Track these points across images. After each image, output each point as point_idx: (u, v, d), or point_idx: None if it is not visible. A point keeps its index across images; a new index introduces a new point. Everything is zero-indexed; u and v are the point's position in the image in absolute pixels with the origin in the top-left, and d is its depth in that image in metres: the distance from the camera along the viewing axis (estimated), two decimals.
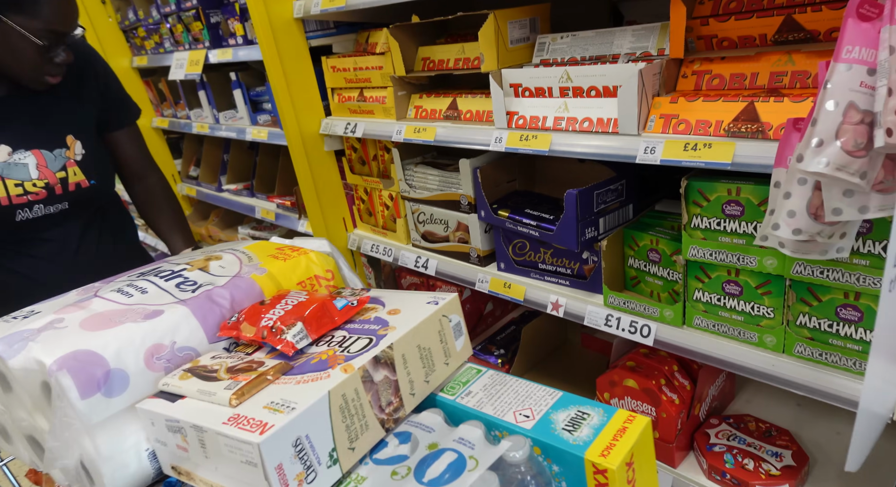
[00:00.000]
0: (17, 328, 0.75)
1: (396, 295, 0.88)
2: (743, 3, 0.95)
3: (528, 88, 1.17)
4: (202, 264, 0.93)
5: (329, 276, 0.97)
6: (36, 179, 1.17)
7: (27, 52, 1.06)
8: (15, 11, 1.02)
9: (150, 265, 0.98)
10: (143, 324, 0.76)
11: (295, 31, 1.56)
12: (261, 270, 0.92)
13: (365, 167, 1.69)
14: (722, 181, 0.92)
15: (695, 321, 1.04)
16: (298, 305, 0.79)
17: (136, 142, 1.43)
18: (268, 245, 1.03)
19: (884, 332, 0.61)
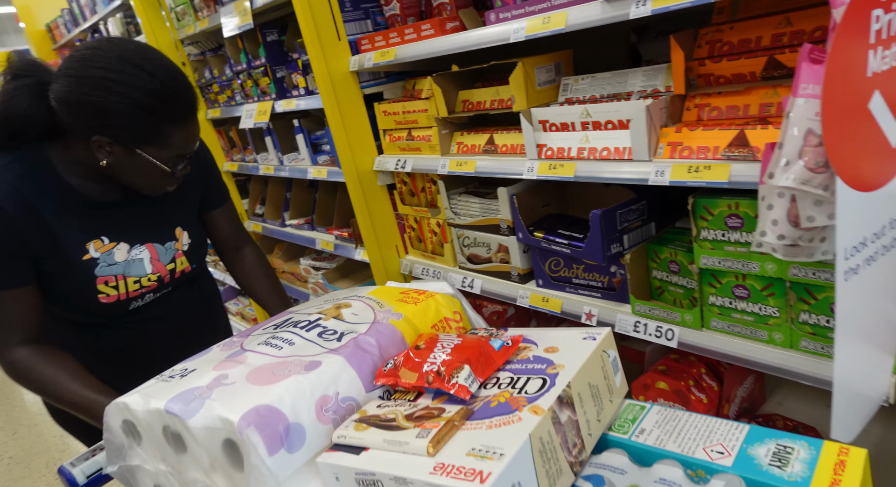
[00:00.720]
0: (182, 387, 0.77)
1: (544, 333, 0.88)
2: (734, 46, 1.12)
3: (555, 124, 1.37)
4: (334, 312, 0.94)
5: (457, 317, 0.99)
6: (150, 273, 1.25)
7: (154, 174, 1.13)
8: (148, 145, 1.08)
9: (278, 317, 1.02)
10: (308, 375, 0.75)
11: (351, 82, 1.83)
12: (396, 314, 0.93)
13: (414, 198, 1.93)
14: (723, 198, 1.08)
15: (712, 324, 1.18)
16: (457, 348, 0.78)
17: (232, 218, 1.50)
18: (391, 290, 1.06)
19: (848, 318, 0.75)
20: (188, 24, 2.50)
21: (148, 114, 1.05)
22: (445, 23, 1.56)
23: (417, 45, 1.57)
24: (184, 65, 2.72)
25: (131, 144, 1.07)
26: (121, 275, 1.20)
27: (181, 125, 1.10)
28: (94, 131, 1.05)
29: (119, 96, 1.02)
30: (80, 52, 1.06)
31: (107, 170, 1.12)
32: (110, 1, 3.24)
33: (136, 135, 1.06)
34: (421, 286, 1.06)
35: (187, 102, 1.11)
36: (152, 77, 1.04)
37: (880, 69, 0.68)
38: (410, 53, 1.59)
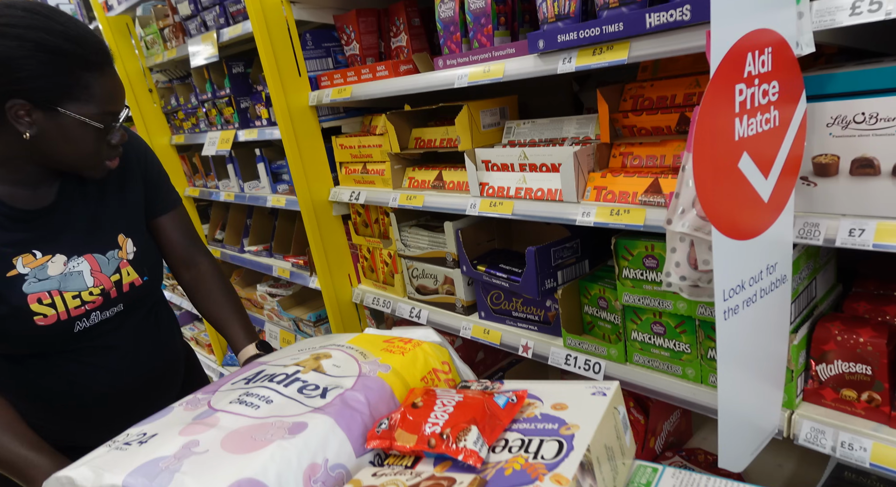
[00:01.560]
0: (144, 457, 0.67)
1: (546, 387, 0.83)
2: (653, 101, 1.24)
3: (496, 164, 1.46)
4: (314, 364, 0.87)
5: (446, 368, 0.93)
6: (91, 286, 1.11)
7: (86, 138, 1.02)
8: (69, 100, 0.98)
9: (250, 368, 0.92)
10: (294, 441, 0.67)
11: (309, 116, 1.91)
12: (383, 366, 0.87)
13: (368, 229, 1.99)
14: (641, 240, 1.17)
15: (634, 358, 1.25)
16: (459, 406, 0.72)
17: (183, 226, 1.34)
18: (373, 338, 0.99)
19: (729, 353, 0.83)
20: (157, 53, 2.57)
21: (57, 57, 0.94)
22: (399, 65, 1.66)
23: (372, 84, 1.67)
24: (151, 91, 2.78)
25: (50, 102, 0.96)
26: (56, 290, 1.07)
27: (99, 71, 1.00)
28: (4, 95, 0.94)
29: (18, 40, 0.91)
30: None
31: (32, 149, 1.00)
32: None
33: (51, 87, 0.95)
34: (404, 334, 1.00)
35: (98, 45, 1.00)
36: (51, 19, 0.95)
37: (747, 134, 0.77)
38: (365, 92, 1.68)
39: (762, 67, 0.78)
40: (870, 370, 0.89)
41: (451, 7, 1.46)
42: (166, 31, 2.45)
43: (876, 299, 0.99)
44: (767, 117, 0.80)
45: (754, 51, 0.76)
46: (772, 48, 0.78)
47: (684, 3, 0.95)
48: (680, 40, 0.98)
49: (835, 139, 0.85)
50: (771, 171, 0.83)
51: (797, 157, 0.86)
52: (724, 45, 0.73)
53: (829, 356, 0.95)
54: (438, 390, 0.80)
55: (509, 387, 0.82)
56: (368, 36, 1.84)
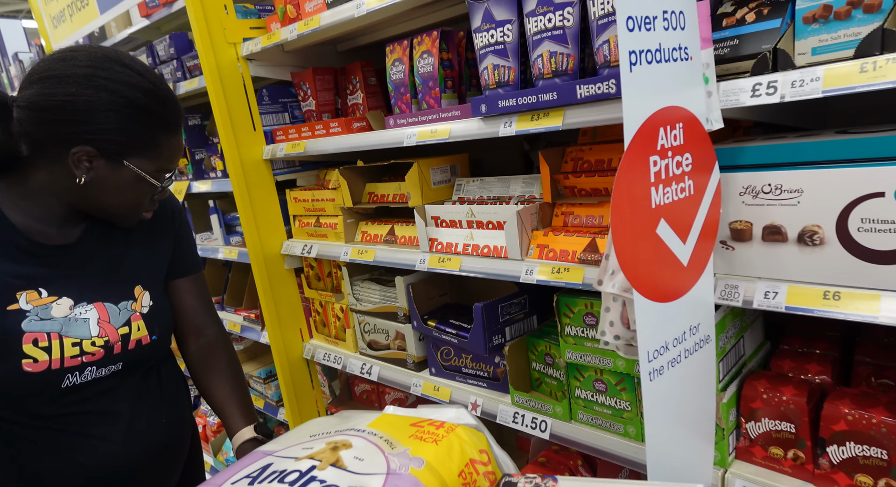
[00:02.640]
0: None
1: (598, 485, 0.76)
2: (592, 164, 1.31)
3: (445, 220, 1.50)
4: (332, 457, 0.77)
5: (485, 459, 0.84)
6: (95, 336, 1.02)
7: (137, 192, 1.02)
8: (136, 155, 0.98)
9: (253, 460, 0.83)
10: None
11: (263, 169, 1.94)
12: (416, 460, 0.77)
13: (320, 283, 1.99)
14: (581, 297, 1.21)
15: (579, 416, 1.27)
16: None
17: (201, 292, 1.28)
18: (397, 420, 0.90)
19: (655, 413, 0.86)
20: None
21: (143, 115, 0.96)
22: (353, 122, 1.72)
23: (325, 140, 1.72)
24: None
25: (118, 155, 0.96)
26: (56, 333, 0.98)
27: (172, 133, 1.02)
28: (76, 141, 0.93)
29: (112, 94, 0.92)
30: (55, 55, 0.94)
31: (77, 192, 0.98)
32: None
33: (126, 141, 0.96)
34: (433, 415, 0.90)
35: (178, 107, 1.03)
36: (143, 77, 0.96)
37: (663, 202, 0.83)
38: (319, 148, 1.73)
39: (674, 141, 0.84)
40: (793, 428, 0.93)
41: (402, 70, 1.53)
42: None
43: (799, 357, 1.05)
44: (682, 186, 0.87)
45: (666, 126, 0.83)
46: (682, 124, 0.85)
47: (610, 78, 1.03)
48: (608, 111, 1.06)
49: (747, 207, 0.92)
50: (689, 236, 0.88)
51: (714, 222, 0.93)
52: (637, 120, 0.80)
53: (757, 413, 0.98)
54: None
55: (568, 485, 0.71)
56: (325, 93, 1.91)
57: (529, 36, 1.17)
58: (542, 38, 1.15)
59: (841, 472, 0.88)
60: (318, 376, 2.13)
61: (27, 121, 0.93)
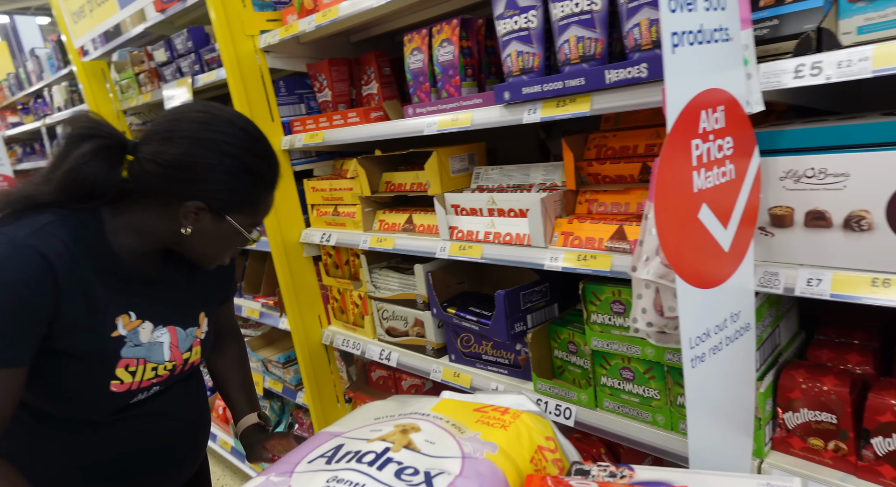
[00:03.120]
0: None
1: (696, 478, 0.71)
2: (616, 151, 1.25)
3: (465, 209, 1.44)
4: (403, 440, 0.76)
5: (552, 446, 0.81)
6: (167, 361, 1.08)
7: (230, 242, 1.05)
8: (238, 211, 1.01)
9: (327, 442, 0.82)
10: None
11: (282, 159, 1.87)
12: (489, 445, 0.75)
13: (338, 271, 1.94)
14: (608, 285, 1.15)
15: (604, 404, 1.22)
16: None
17: (231, 312, 1.39)
18: (460, 406, 0.87)
19: (697, 401, 0.81)
20: (131, 97, 2.52)
21: (253, 178, 1.00)
22: (370, 112, 1.65)
23: (343, 130, 1.65)
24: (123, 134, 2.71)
25: (223, 211, 1.00)
26: (143, 359, 1.04)
27: (272, 191, 1.06)
28: (190, 197, 0.96)
29: (231, 158, 0.96)
30: (181, 114, 0.98)
31: (177, 237, 1.01)
32: (57, 70, 3.24)
33: (234, 200, 1.00)
34: (493, 401, 0.87)
35: (279, 168, 1.06)
36: (260, 142, 1.01)
37: (705, 186, 0.77)
38: (337, 137, 1.66)
39: (716, 124, 0.78)
40: (835, 419, 0.88)
41: (421, 59, 1.47)
42: (142, 76, 2.41)
43: (838, 347, 0.99)
44: (724, 170, 0.80)
45: (707, 108, 0.77)
46: (724, 106, 0.79)
47: (641, 62, 0.96)
48: (638, 95, 0.99)
49: (788, 192, 0.86)
50: (730, 221, 0.82)
51: (754, 207, 0.86)
52: (679, 103, 0.73)
53: (796, 404, 0.93)
54: (573, 479, 0.66)
55: (645, 476, 0.67)
56: (340, 83, 1.84)
57: (555, 21, 1.10)
58: (568, 23, 1.08)
59: (886, 464, 0.83)
60: (335, 361, 2.09)
61: (149, 173, 0.95)
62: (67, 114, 3.13)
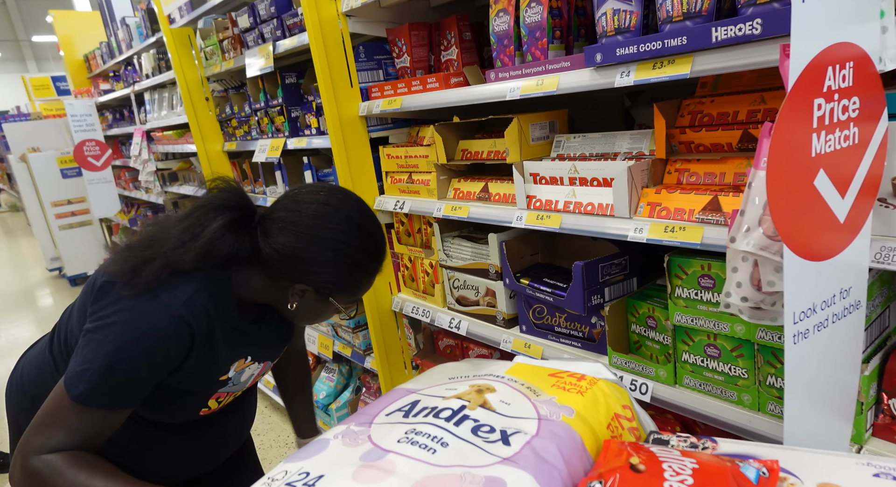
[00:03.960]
0: None
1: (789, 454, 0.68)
2: (713, 117, 1.19)
3: (545, 177, 1.43)
4: (478, 399, 0.78)
5: (629, 414, 0.81)
6: (240, 391, 1.18)
7: (328, 314, 1.14)
8: (341, 294, 1.08)
9: (404, 398, 0.85)
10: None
11: (359, 126, 1.93)
12: (565, 409, 0.76)
13: (410, 239, 1.98)
14: (697, 258, 1.12)
15: (685, 381, 1.20)
16: (699, 476, 0.59)
17: (301, 333, 1.53)
18: (535, 370, 0.88)
19: (797, 380, 0.78)
20: (215, 64, 2.65)
21: (361, 271, 1.07)
22: (450, 77, 1.66)
23: (422, 96, 1.67)
24: (207, 100, 2.86)
25: (328, 294, 1.07)
26: (230, 393, 1.15)
27: (374, 276, 1.12)
28: (300, 280, 1.03)
29: (346, 258, 1.03)
30: (312, 206, 1.03)
31: (283, 307, 1.10)
32: (146, 38, 3.44)
33: (339, 287, 1.07)
34: (568, 367, 0.88)
35: (384, 257, 1.12)
36: (373, 238, 1.07)
37: (824, 151, 0.73)
38: (415, 103, 1.69)
39: (842, 82, 0.73)
40: None
41: (506, 21, 1.45)
42: (225, 42, 2.53)
43: None
44: (846, 134, 0.76)
45: (835, 65, 0.72)
46: (853, 63, 0.74)
47: (755, 17, 0.91)
48: (748, 55, 0.94)
49: None
50: (848, 190, 0.78)
51: (876, 177, 0.81)
52: (804, 57, 0.69)
53: None
54: (656, 449, 0.66)
55: (729, 449, 0.66)
56: (419, 49, 1.85)
57: None
58: None
59: None
60: (404, 328, 2.16)
61: (268, 255, 1.02)
62: (156, 81, 3.33)
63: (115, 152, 5.15)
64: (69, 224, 5.71)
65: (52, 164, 5.55)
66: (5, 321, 5.04)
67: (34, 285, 6.18)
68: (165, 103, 3.51)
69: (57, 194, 5.61)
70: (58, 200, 5.63)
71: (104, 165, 4.75)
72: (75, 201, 5.68)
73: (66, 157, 5.51)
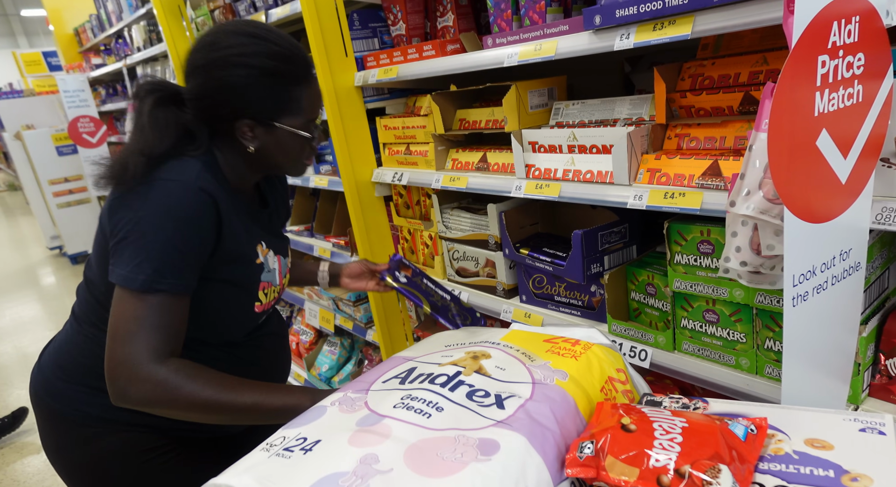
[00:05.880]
0: (316, 471, 0.60)
1: (778, 411, 0.69)
2: (714, 80, 1.17)
3: (543, 145, 1.41)
4: (474, 365, 0.78)
5: (623, 378, 0.82)
6: (278, 285, 1.22)
7: (296, 146, 1.11)
8: (285, 114, 1.06)
9: (400, 365, 0.85)
10: (490, 464, 0.58)
11: (355, 96, 1.89)
12: (559, 373, 0.76)
13: (409, 211, 1.98)
14: (696, 224, 1.11)
15: (683, 346, 1.21)
16: (688, 434, 0.59)
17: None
18: (530, 336, 0.89)
19: (795, 343, 0.78)
20: None
21: (283, 80, 1.04)
22: (447, 45, 1.62)
23: (419, 64, 1.64)
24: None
25: (270, 119, 1.05)
26: (270, 283, 1.18)
27: (305, 84, 1.08)
28: (235, 117, 1.04)
29: (257, 70, 1.00)
30: (199, 44, 1.04)
31: (254, 160, 1.10)
32: (135, 9, 3.37)
33: (270, 106, 1.05)
34: (563, 332, 0.89)
35: (305, 59, 1.09)
36: (269, 41, 1.03)
37: (827, 110, 0.71)
38: (412, 72, 1.65)
39: (848, 38, 0.71)
40: None
41: None
42: (216, 12, 2.47)
43: None
44: (850, 92, 0.74)
45: (840, 19, 0.70)
46: (859, 17, 0.72)
47: None
48: (751, 13, 0.92)
49: None
50: (850, 150, 0.76)
51: (879, 136, 0.80)
52: (809, 12, 0.67)
53: None
54: (646, 409, 0.67)
55: (720, 409, 0.66)
56: (415, 16, 1.81)
57: None
58: None
59: None
60: (405, 301, 2.17)
61: (195, 110, 1.04)
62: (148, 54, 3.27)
63: (111, 128, 5.10)
64: (67, 202, 5.70)
65: (47, 141, 5.50)
66: (8, 300, 5.08)
67: (35, 264, 6.21)
68: (158, 77, 3.45)
69: (53, 172, 5.58)
70: (55, 178, 5.60)
71: (99, 141, 4.71)
72: (72, 178, 5.66)
73: (61, 134, 5.46)
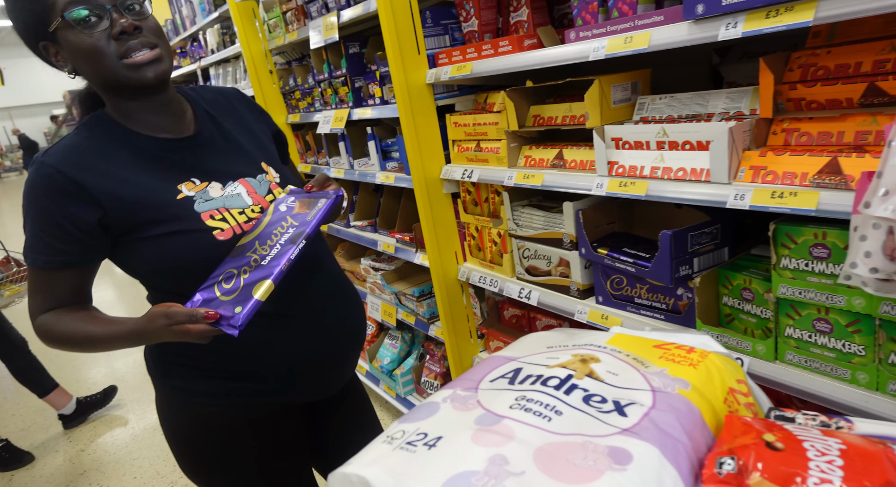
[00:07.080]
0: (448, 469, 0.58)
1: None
2: (829, 70, 1.06)
3: (628, 142, 1.33)
4: (584, 368, 0.74)
5: (744, 389, 0.75)
6: (252, 205, 1.12)
7: (93, 46, 0.98)
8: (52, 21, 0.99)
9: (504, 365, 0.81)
10: (627, 475, 0.55)
11: (426, 94, 1.85)
12: (680, 382, 0.71)
13: (477, 208, 1.92)
14: (809, 226, 1.01)
15: (787, 357, 1.10)
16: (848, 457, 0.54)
17: (295, 171, 1.43)
18: (638, 341, 0.83)
19: None
20: (278, 36, 2.61)
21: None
22: (523, 40, 1.56)
23: (494, 60, 1.58)
24: (271, 73, 2.85)
25: (49, 31, 1.00)
26: (223, 208, 1.09)
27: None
28: (34, 42, 1.03)
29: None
30: None
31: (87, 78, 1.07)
32: (208, 13, 3.45)
33: (36, 19, 1.00)
34: (673, 338, 0.83)
35: None
36: None
37: None
38: (486, 68, 1.60)
39: None
40: None
41: None
42: (288, 14, 2.48)
43: None
44: None
45: None
46: None
47: None
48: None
49: None
50: None
51: None
52: None
53: None
54: (793, 428, 0.60)
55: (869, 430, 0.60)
56: (488, 11, 1.75)
57: None
58: None
59: None
60: (470, 298, 2.12)
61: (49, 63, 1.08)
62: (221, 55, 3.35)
63: None
64: None
65: None
66: None
67: None
68: (230, 77, 3.53)
69: None
70: None
71: None
72: None
73: None
